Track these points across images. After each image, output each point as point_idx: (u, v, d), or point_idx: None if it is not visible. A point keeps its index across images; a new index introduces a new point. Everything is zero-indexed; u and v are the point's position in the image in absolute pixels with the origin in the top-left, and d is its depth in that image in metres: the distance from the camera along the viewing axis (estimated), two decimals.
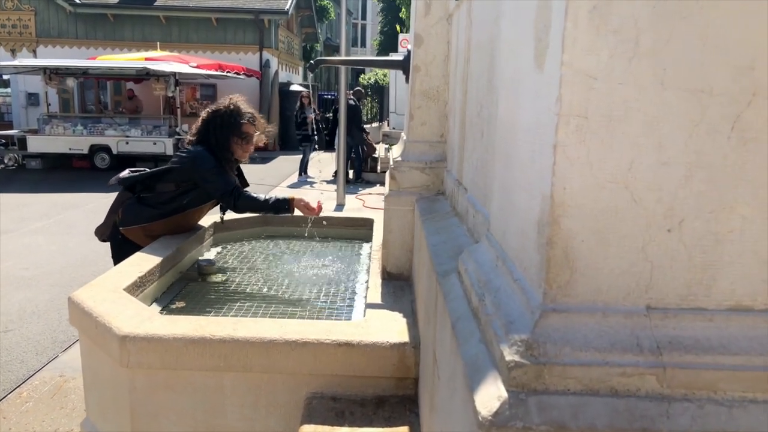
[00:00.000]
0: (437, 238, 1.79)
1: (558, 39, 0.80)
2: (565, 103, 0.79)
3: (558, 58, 0.80)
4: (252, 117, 3.08)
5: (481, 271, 1.16)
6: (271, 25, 19.20)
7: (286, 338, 1.94)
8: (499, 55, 1.28)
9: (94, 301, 2.23)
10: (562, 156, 0.81)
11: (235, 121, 3.01)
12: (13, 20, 19.20)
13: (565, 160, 0.81)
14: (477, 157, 1.71)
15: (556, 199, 0.82)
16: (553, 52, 0.83)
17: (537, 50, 0.91)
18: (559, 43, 0.79)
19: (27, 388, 3.93)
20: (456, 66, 2.25)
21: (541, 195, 0.86)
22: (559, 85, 0.79)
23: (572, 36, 0.78)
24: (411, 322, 2.09)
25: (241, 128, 3.01)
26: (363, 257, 3.34)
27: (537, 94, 0.90)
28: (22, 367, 4.27)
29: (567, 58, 0.78)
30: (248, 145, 3.07)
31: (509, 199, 1.07)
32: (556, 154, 0.81)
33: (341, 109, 9.41)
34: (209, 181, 2.98)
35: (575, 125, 0.80)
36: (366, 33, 45.96)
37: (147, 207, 3.07)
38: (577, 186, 0.81)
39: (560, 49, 0.79)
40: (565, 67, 0.79)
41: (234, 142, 3.02)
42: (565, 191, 0.82)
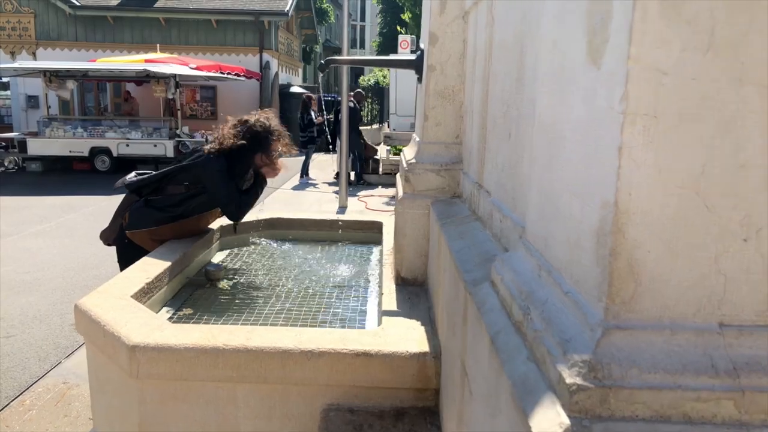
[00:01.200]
0: (460, 244, 1.72)
1: (623, 31, 0.73)
2: (632, 100, 0.72)
3: (623, 53, 0.73)
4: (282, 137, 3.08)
5: (520, 281, 1.09)
6: (271, 26, 19.13)
7: (302, 348, 1.87)
8: (536, 53, 1.21)
9: (102, 309, 2.16)
10: (627, 159, 0.74)
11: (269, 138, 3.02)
12: (12, 23, 19.13)
13: (631, 163, 0.74)
14: (503, 158, 1.64)
15: (620, 206, 0.75)
16: (615, 45, 0.76)
17: (591, 45, 0.84)
18: (626, 36, 0.72)
19: (30, 395, 3.85)
20: (474, 65, 2.18)
21: (602, 201, 0.79)
22: (625, 82, 0.72)
23: (641, 28, 0.71)
24: (430, 331, 2.02)
25: (272, 146, 3.04)
26: (373, 261, 3.27)
27: (592, 92, 0.84)
28: (24, 373, 4.20)
29: (635, 52, 0.71)
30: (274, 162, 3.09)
31: (553, 204, 1.00)
32: (621, 157, 0.74)
33: (343, 111, 9.34)
34: (216, 185, 2.92)
35: (642, 125, 0.73)
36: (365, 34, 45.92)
37: (155, 210, 3.00)
38: (644, 192, 0.74)
39: (627, 42, 0.72)
40: (633, 61, 0.72)
41: (261, 159, 3.02)
42: (630, 197, 0.75)
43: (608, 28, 0.78)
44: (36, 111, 17.76)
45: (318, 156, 16.84)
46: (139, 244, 3.04)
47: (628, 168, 0.74)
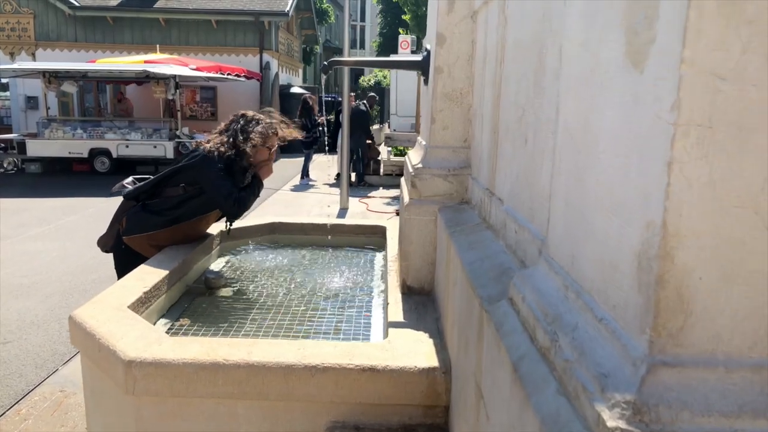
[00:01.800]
0: (472, 255, 1.63)
1: (676, 31, 0.64)
2: (685, 109, 0.64)
3: (674, 55, 0.65)
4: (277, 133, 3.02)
5: (544, 301, 1.00)
6: (272, 27, 19.05)
7: (306, 363, 1.78)
8: (559, 54, 1.13)
9: (97, 321, 2.07)
10: (678, 175, 0.65)
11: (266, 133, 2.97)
12: (12, 23, 19.05)
13: (683, 179, 0.66)
14: (518, 165, 1.56)
15: (669, 227, 0.67)
16: (663, 47, 0.68)
17: (631, 46, 0.76)
18: (679, 37, 0.64)
19: (26, 404, 3.77)
20: (485, 67, 2.10)
21: (645, 222, 0.71)
22: (678, 88, 0.64)
23: (696, 27, 0.62)
24: (438, 344, 1.93)
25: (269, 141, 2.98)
26: (377, 268, 3.19)
27: (633, 99, 0.75)
28: (20, 381, 4.11)
29: (689, 55, 0.63)
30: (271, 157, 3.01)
31: (583, 220, 0.92)
32: (671, 173, 0.66)
33: (344, 112, 9.26)
34: (213, 183, 2.86)
35: (696, 137, 0.65)
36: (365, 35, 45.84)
37: (152, 215, 2.92)
38: (697, 212, 0.66)
39: (679, 43, 0.63)
40: (686, 65, 0.63)
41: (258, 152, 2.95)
42: (681, 218, 0.66)
43: (654, 28, 0.70)
44: (36, 112, 17.69)
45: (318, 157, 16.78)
46: (137, 250, 2.95)
47: (679, 185, 0.66)
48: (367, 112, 12.52)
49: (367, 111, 12.44)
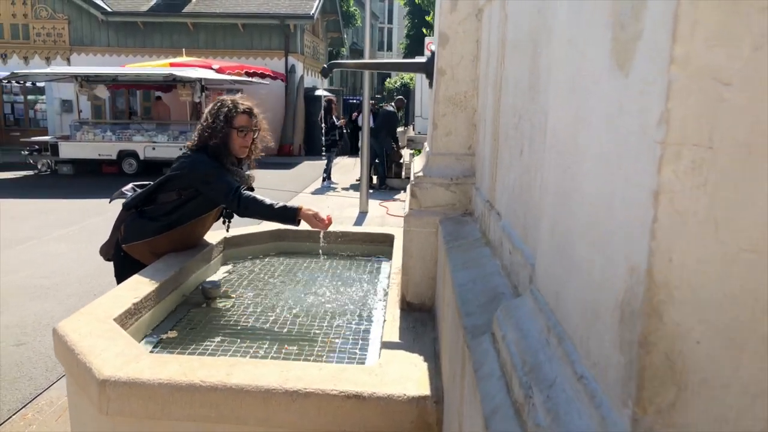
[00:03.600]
0: (465, 276, 1.48)
1: (664, 22, 0.49)
2: (676, 124, 0.49)
3: (662, 53, 0.50)
4: (249, 109, 2.85)
5: (525, 345, 0.85)
6: (297, 30, 19.08)
7: (287, 387, 1.66)
8: (550, 53, 0.98)
9: (79, 335, 1.98)
10: (667, 208, 0.50)
11: (230, 113, 2.80)
12: (47, 29, 19.50)
13: (673, 214, 0.50)
14: (514, 177, 1.41)
15: (656, 276, 0.52)
16: (651, 43, 0.52)
17: (616, 42, 0.61)
18: (667, 29, 0.49)
19: (32, 409, 3.74)
20: (487, 68, 1.94)
21: (628, 265, 0.56)
22: (666, 96, 0.49)
23: (691, 16, 0.47)
24: (433, 368, 1.79)
25: (234, 120, 2.79)
26: (382, 279, 3.05)
27: (617, 108, 0.60)
28: (30, 384, 4.09)
29: (681, 53, 0.48)
30: (245, 138, 2.82)
31: (567, 252, 0.77)
32: (657, 205, 0.50)
33: (364, 114, 9.15)
34: (210, 184, 2.75)
35: (691, 160, 0.49)
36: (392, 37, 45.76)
37: (149, 221, 2.84)
38: (693, 257, 0.51)
39: (668, 37, 0.48)
40: (678, 66, 0.48)
41: (232, 137, 2.80)
42: (671, 265, 0.51)
43: (641, 19, 0.55)
44: (70, 115, 18.03)
45: (341, 159, 16.71)
46: (136, 257, 2.88)
47: (669, 222, 0.51)
48: (395, 114, 12.43)
49: (394, 113, 12.35)
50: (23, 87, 19.62)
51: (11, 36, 19.54)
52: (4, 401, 3.77)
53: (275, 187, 12.28)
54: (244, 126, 2.80)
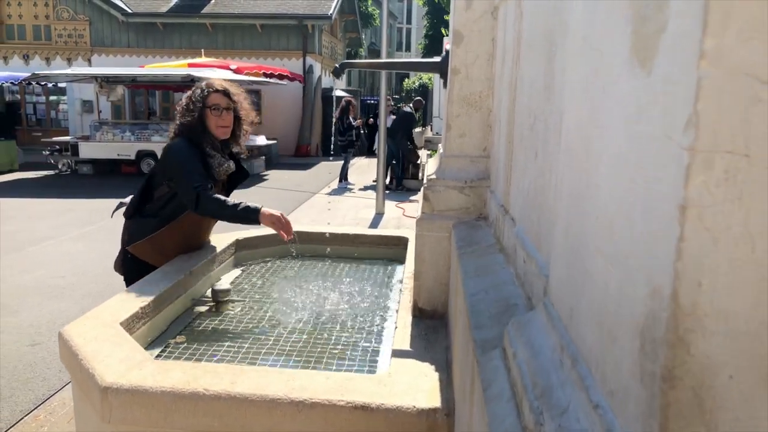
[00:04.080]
0: (477, 284, 1.42)
1: (692, 12, 0.43)
2: (706, 128, 0.43)
3: (691, 48, 0.43)
4: (224, 89, 2.80)
5: (536, 363, 0.79)
6: (315, 30, 19.11)
7: (292, 397, 1.61)
8: (565, 52, 0.91)
9: (84, 339, 1.96)
10: (696, 225, 0.44)
11: (203, 93, 2.76)
12: (69, 30, 19.78)
13: (703, 232, 0.44)
14: (529, 181, 1.34)
15: (682, 301, 0.45)
16: (676, 36, 0.46)
17: (638, 37, 0.55)
18: (696, 19, 0.42)
19: (44, 410, 3.74)
20: (503, 67, 1.88)
21: (651, 287, 0.49)
22: (695, 96, 0.42)
23: (723, 4, 0.41)
24: (445, 379, 1.72)
25: (208, 99, 2.74)
26: (395, 283, 2.99)
27: (638, 110, 0.54)
28: (43, 385, 4.10)
29: (713, 46, 0.41)
30: (220, 117, 2.76)
31: (582, 265, 0.70)
32: (684, 221, 0.44)
33: (381, 115, 9.10)
34: (175, 179, 2.70)
35: (724, 170, 0.43)
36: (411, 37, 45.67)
37: (149, 218, 2.81)
38: (725, 280, 0.44)
39: (699, 29, 0.42)
40: (708, 62, 0.42)
41: (207, 117, 2.75)
42: (700, 289, 0.45)
43: (665, 9, 0.48)
44: (90, 115, 18.26)
45: (359, 160, 16.69)
46: (143, 258, 2.85)
47: (698, 240, 0.44)
48: (413, 115, 12.37)
49: (412, 114, 12.29)
50: (45, 88, 19.92)
51: (33, 37, 19.85)
52: (17, 402, 3.78)
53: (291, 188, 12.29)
54: (217, 104, 2.74)
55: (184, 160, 2.68)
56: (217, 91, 2.77)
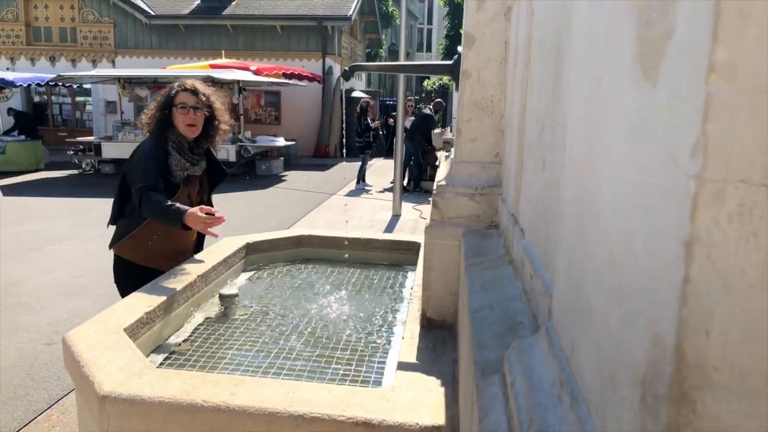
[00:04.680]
0: (482, 299, 1.35)
1: (701, 16, 0.36)
2: (716, 153, 0.36)
3: (699, 57, 0.37)
4: (192, 88, 2.78)
5: (534, 397, 0.73)
6: (334, 31, 19.11)
7: (292, 411, 1.56)
8: (571, 56, 0.84)
9: (86, 345, 1.93)
10: (705, 266, 0.37)
11: (171, 91, 2.77)
12: (94, 32, 20.07)
13: (713, 274, 0.37)
14: (536, 192, 1.27)
15: (688, 353, 0.39)
16: (683, 44, 0.40)
17: (643, 43, 0.48)
18: (705, 25, 0.36)
19: (57, 410, 3.75)
20: (515, 70, 1.80)
21: (653, 333, 0.43)
22: (703, 115, 0.36)
23: (737, 8, 0.34)
24: (451, 394, 1.66)
25: (176, 97, 2.75)
26: (404, 292, 2.92)
27: (643, 129, 0.47)
28: (57, 385, 4.11)
29: (724, 57, 0.35)
30: (186, 115, 2.74)
31: (583, 294, 0.64)
32: (691, 261, 0.38)
33: (398, 116, 9.03)
34: (130, 178, 2.70)
35: (737, 203, 0.36)
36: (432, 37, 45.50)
37: (127, 218, 2.79)
38: (740, 331, 0.38)
39: (708, 36, 0.35)
40: (718, 76, 0.35)
41: (174, 115, 2.74)
42: (709, 339, 0.38)
43: (672, 12, 0.42)
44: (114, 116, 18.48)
45: (377, 161, 16.64)
46: (127, 258, 2.83)
47: (707, 283, 0.38)
48: (432, 117, 12.28)
49: (431, 116, 12.19)
50: (71, 89, 20.25)
51: (59, 39, 20.18)
52: (31, 401, 3.79)
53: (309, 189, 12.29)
54: (184, 102, 2.73)
55: (139, 160, 2.69)
56: (185, 90, 2.76)
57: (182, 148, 2.75)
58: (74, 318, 5.28)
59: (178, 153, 2.73)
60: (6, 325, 5.00)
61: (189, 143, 2.78)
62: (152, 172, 2.64)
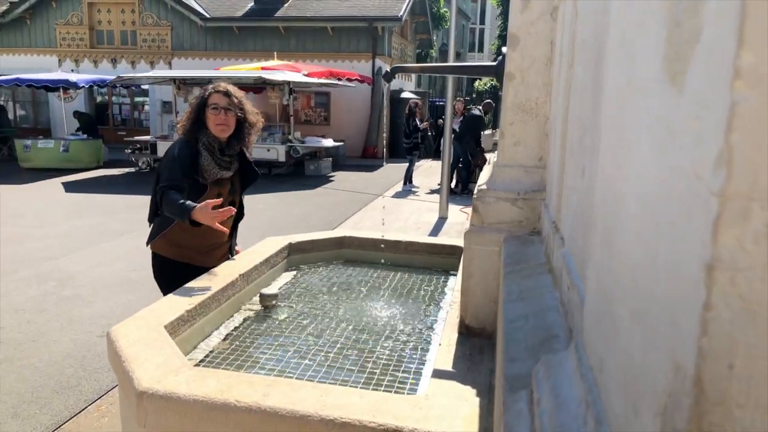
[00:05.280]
0: (518, 309, 1.31)
1: (726, 17, 0.33)
2: (740, 167, 0.32)
3: (724, 62, 0.33)
4: (225, 90, 2.84)
5: (559, 418, 0.69)
6: (385, 32, 19.15)
7: (323, 415, 1.55)
8: (606, 58, 0.80)
9: (127, 341, 1.98)
10: (728, 291, 0.34)
11: (205, 93, 2.85)
12: (152, 35, 20.80)
13: (736, 301, 0.34)
14: (576, 200, 1.22)
15: (707, 387, 0.35)
16: (709, 47, 0.36)
17: (671, 45, 0.44)
18: (730, 27, 0.32)
19: (106, 401, 3.87)
20: (559, 72, 1.75)
21: (673, 360, 0.39)
22: (726, 125, 0.32)
23: (766, 10, 0.31)
24: (485, 405, 1.62)
25: (209, 99, 2.81)
26: (445, 296, 2.89)
27: (669, 138, 0.43)
28: (108, 376, 4.26)
29: (749, 62, 0.31)
30: (218, 115, 2.79)
31: (611, 312, 0.60)
32: (712, 286, 0.34)
33: (447, 117, 8.96)
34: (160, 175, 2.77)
35: (764, 222, 0.33)
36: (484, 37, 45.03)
37: (162, 216, 2.85)
38: (763, 366, 0.34)
39: (732, 39, 0.32)
40: (743, 83, 0.32)
41: (206, 116, 2.81)
42: (732, 373, 0.35)
43: (701, 13, 0.38)
44: (170, 116, 19.09)
45: (425, 162, 16.58)
46: (163, 254, 2.91)
47: (730, 311, 0.34)
48: (481, 118, 12.12)
49: (480, 116, 12.04)
50: (129, 90, 21.04)
51: (120, 42, 21.01)
52: (82, 391, 3.94)
53: (356, 189, 12.35)
54: (216, 103, 2.79)
55: (168, 161, 2.78)
56: (218, 92, 2.83)
57: (212, 149, 2.81)
58: (126, 311, 5.47)
59: (208, 153, 2.79)
60: (62, 317, 5.22)
61: (220, 144, 2.83)
62: (176, 171, 2.71)
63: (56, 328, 4.94)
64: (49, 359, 4.37)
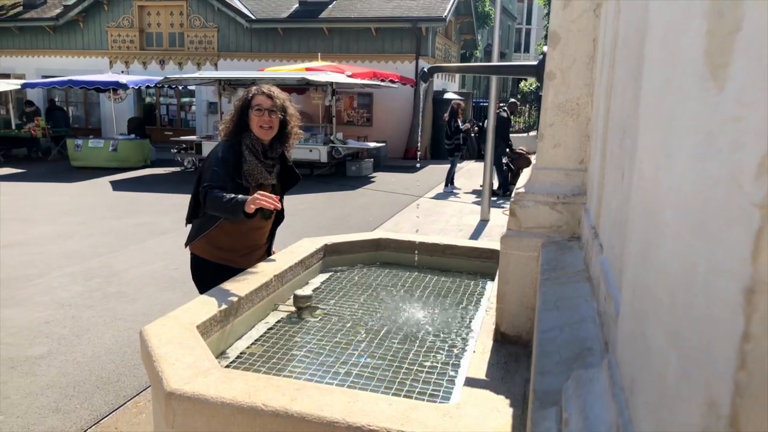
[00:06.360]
0: (553, 319, 1.25)
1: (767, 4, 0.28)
2: None
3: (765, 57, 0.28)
4: (269, 92, 2.86)
5: None
6: (429, 32, 19.07)
7: (350, 422, 1.52)
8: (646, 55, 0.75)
9: (159, 341, 2.00)
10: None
11: (249, 94, 2.87)
12: (200, 36, 21.29)
13: None
14: (616, 206, 1.16)
15: (744, 428, 0.30)
16: (751, 38, 0.31)
17: (713, 38, 0.39)
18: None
19: (144, 397, 3.95)
20: (601, 71, 1.67)
21: (708, 396, 0.35)
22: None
23: None
24: (518, 416, 1.56)
25: (253, 100, 2.83)
26: (481, 302, 2.82)
27: (708, 141, 0.39)
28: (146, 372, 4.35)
29: None
30: (262, 117, 2.80)
31: (644, 330, 0.55)
32: (752, 312, 0.29)
33: (490, 120, 8.84)
34: (203, 176, 2.78)
35: None
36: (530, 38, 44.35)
37: (203, 218, 2.88)
38: None
39: None
40: None
41: (250, 117, 2.82)
42: None
43: (742, 4, 0.33)
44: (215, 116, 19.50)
45: (468, 164, 16.42)
46: (201, 256, 2.94)
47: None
48: (508, 119, 11.92)
49: (507, 118, 11.84)
50: (177, 90, 21.60)
51: (169, 44, 21.58)
52: (122, 386, 4.02)
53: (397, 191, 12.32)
54: (260, 104, 2.80)
55: (211, 162, 2.79)
56: (262, 93, 2.85)
57: (255, 151, 2.81)
58: (166, 309, 5.54)
59: (252, 155, 2.80)
60: (106, 313, 5.36)
61: (263, 146, 2.84)
62: (220, 173, 2.73)
63: (100, 324, 5.07)
64: (92, 354, 4.49)
